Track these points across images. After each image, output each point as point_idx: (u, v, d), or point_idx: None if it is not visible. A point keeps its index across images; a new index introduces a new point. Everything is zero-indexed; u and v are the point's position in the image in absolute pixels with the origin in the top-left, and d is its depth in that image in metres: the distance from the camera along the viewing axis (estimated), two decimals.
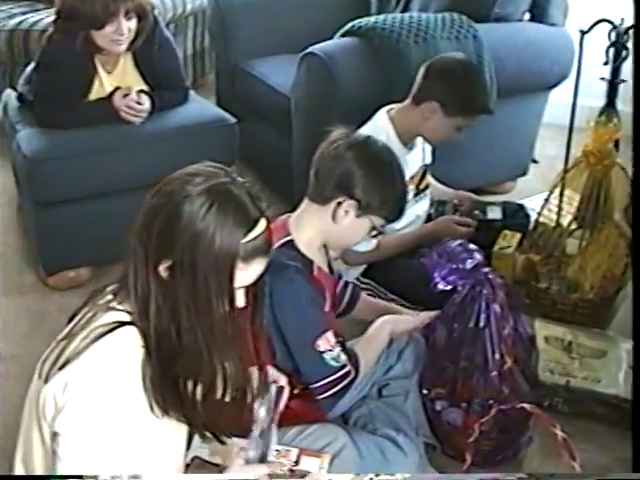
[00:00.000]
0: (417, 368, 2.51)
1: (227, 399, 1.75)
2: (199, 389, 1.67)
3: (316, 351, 2.18)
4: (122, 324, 1.60)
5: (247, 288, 1.68)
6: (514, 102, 3.69)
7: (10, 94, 3.76)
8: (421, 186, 3.16)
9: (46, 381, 1.62)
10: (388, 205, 2.25)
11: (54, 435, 1.57)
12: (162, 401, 1.61)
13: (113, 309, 1.64)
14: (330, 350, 2.19)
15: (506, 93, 3.44)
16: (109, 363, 1.57)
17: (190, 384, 1.67)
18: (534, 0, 3.73)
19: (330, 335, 2.20)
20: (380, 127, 2.89)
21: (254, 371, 1.86)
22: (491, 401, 2.30)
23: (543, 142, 4.14)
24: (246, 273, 1.62)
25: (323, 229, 2.24)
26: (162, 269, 1.57)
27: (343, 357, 2.23)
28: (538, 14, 3.78)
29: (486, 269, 2.32)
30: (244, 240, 1.57)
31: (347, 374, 2.23)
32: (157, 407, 1.60)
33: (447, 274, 2.25)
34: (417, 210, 3.16)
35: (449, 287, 2.28)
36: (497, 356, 2.29)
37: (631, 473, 1.86)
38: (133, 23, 3.22)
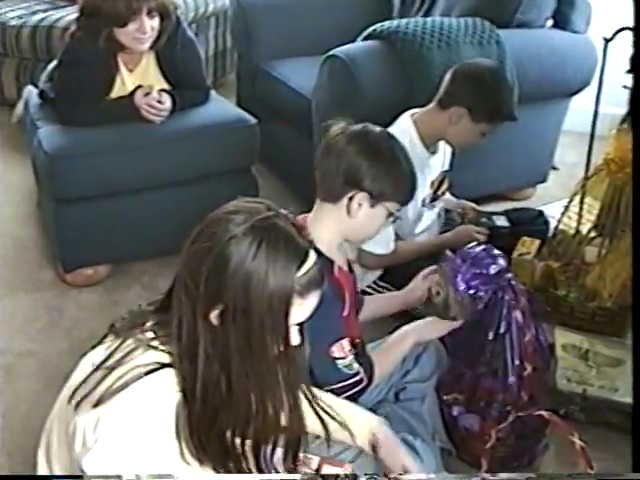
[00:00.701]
0: (434, 373, 2.51)
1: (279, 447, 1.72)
2: (248, 441, 1.63)
3: (329, 357, 2.18)
4: (162, 366, 1.55)
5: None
6: (535, 108, 3.69)
7: (32, 91, 3.77)
8: (439, 191, 3.16)
9: (76, 411, 1.56)
10: (399, 189, 2.23)
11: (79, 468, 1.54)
12: (201, 450, 1.57)
13: (154, 348, 1.58)
14: (343, 358, 2.20)
15: (527, 99, 3.43)
16: (144, 408, 1.52)
17: (238, 434, 1.62)
18: (557, 7, 3.73)
19: (345, 342, 2.20)
20: (403, 130, 2.88)
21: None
22: (509, 407, 2.30)
23: (563, 149, 4.13)
24: (303, 308, 1.57)
25: (340, 226, 2.23)
26: (213, 316, 1.52)
27: (356, 365, 2.23)
28: (561, 21, 3.77)
29: (509, 275, 2.31)
30: (298, 274, 1.52)
31: (359, 382, 2.23)
32: (191, 455, 1.57)
33: (470, 279, 2.24)
34: (434, 215, 3.17)
35: (471, 292, 2.27)
36: (517, 363, 2.28)
37: (631, 473, 1.85)
38: (156, 22, 3.24)
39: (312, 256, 1.56)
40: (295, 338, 1.61)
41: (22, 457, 2.18)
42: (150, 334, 1.60)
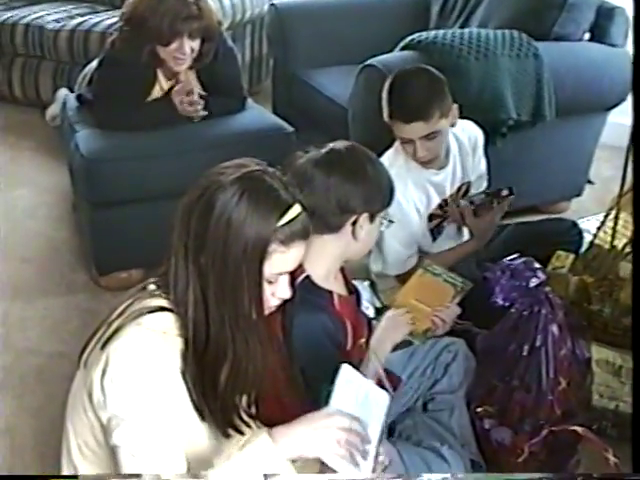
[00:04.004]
0: (464, 383, 2.50)
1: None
2: (222, 377, 1.69)
3: None
4: (164, 309, 1.63)
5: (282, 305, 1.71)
6: (572, 122, 3.68)
7: (66, 94, 3.81)
8: None
9: (87, 367, 1.64)
10: (386, 197, 2.22)
11: (107, 421, 1.57)
12: (201, 401, 1.64)
13: (156, 296, 1.66)
14: None
15: (564, 112, 3.43)
16: (150, 338, 1.58)
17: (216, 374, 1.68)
18: (595, 20, 3.71)
19: None
20: (398, 151, 2.91)
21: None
22: (542, 422, 2.28)
23: (599, 163, 4.10)
24: (286, 257, 1.63)
25: (342, 253, 2.21)
26: (202, 261, 1.60)
27: None
28: (599, 34, 3.75)
29: (547, 288, 2.30)
30: (279, 223, 1.59)
31: None
32: (194, 407, 1.64)
33: (509, 290, 2.24)
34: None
35: (507, 303, 2.26)
36: (552, 377, 2.27)
37: (631, 473, 1.83)
38: (197, 44, 3.27)
39: (296, 209, 1.63)
40: (284, 290, 1.68)
41: (53, 458, 2.18)
42: (152, 286, 1.70)
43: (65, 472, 1.78)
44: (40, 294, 3.39)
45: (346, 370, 1.68)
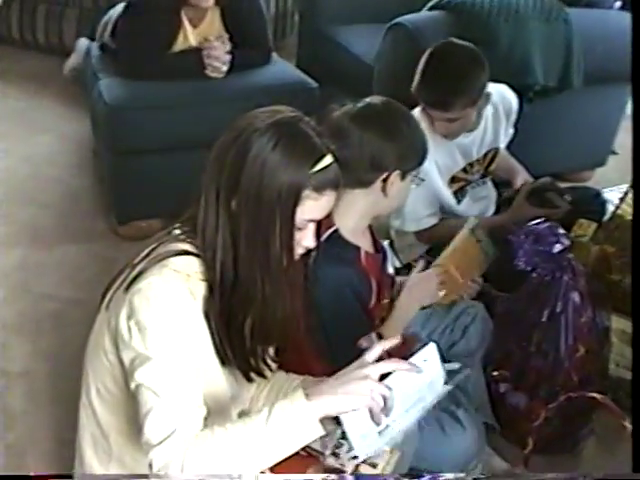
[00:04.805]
0: (482, 346, 2.50)
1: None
2: (249, 321, 1.70)
3: (357, 349, 2.16)
4: (188, 253, 1.63)
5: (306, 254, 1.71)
6: (599, 91, 3.65)
7: (85, 43, 3.80)
8: (490, 168, 3.12)
9: (108, 309, 1.65)
10: (421, 155, 2.19)
11: (131, 362, 1.56)
12: (224, 345, 1.66)
13: (181, 241, 1.66)
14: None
15: (592, 80, 3.40)
16: (174, 280, 1.58)
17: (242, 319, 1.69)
18: None
19: (374, 336, 2.17)
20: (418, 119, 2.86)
21: None
22: (558, 388, 2.28)
23: (624, 133, 4.06)
24: (318, 204, 1.63)
25: (372, 208, 2.20)
26: (233, 204, 1.60)
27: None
28: (630, 2, 3.70)
29: (570, 255, 2.28)
30: (313, 170, 1.59)
31: None
32: (216, 352, 1.66)
33: (531, 255, 2.22)
34: (483, 192, 3.14)
35: (529, 268, 2.25)
36: (570, 343, 2.27)
37: (631, 473, 1.83)
38: None
39: (329, 158, 1.63)
40: (310, 240, 1.68)
41: (68, 402, 2.20)
42: (176, 231, 1.70)
43: (82, 414, 1.79)
44: (58, 241, 3.39)
45: (431, 349, 1.66)
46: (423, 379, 1.63)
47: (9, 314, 2.93)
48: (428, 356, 1.64)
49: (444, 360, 1.69)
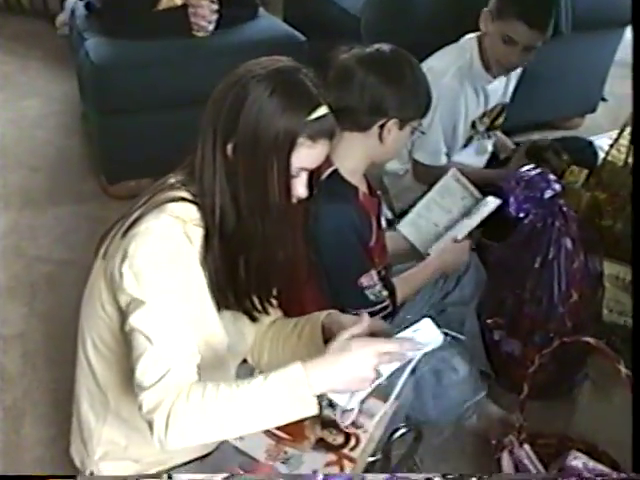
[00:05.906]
0: (475, 295, 2.51)
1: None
2: (251, 266, 1.71)
3: (359, 287, 2.19)
4: (185, 200, 1.63)
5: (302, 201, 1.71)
6: (588, 37, 3.62)
7: (77, 2, 3.75)
8: (496, 123, 3.11)
9: (105, 256, 1.63)
10: (422, 107, 2.20)
11: (126, 306, 1.56)
12: (221, 291, 1.67)
13: (177, 188, 1.65)
14: (372, 286, 2.20)
15: (581, 26, 3.37)
16: (171, 225, 1.58)
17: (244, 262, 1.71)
18: None
19: (374, 273, 2.21)
20: (464, 48, 2.87)
21: None
22: (552, 334, 2.29)
23: (613, 80, 4.05)
24: (312, 152, 1.64)
25: (369, 153, 2.21)
26: (229, 149, 1.61)
27: (384, 293, 2.24)
28: None
29: (561, 201, 2.28)
30: (309, 118, 1.60)
31: (384, 308, 2.24)
32: (212, 296, 1.66)
33: (523, 201, 2.21)
34: (489, 146, 3.14)
35: (521, 215, 2.25)
36: (563, 289, 2.27)
37: (631, 473, 1.85)
38: None
39: (325, 108, 1.64)
40: (302, 189, 1.68)
41: (63, 363, 2.21)
42: (172, 180, 1.69)
43: (78, 370, 1.79)
44: (49, 203, 3.39)
45: (426, 322, 1.66)
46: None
47: (3, 277, 2.94)
48: (421, 327, 1.65)
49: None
